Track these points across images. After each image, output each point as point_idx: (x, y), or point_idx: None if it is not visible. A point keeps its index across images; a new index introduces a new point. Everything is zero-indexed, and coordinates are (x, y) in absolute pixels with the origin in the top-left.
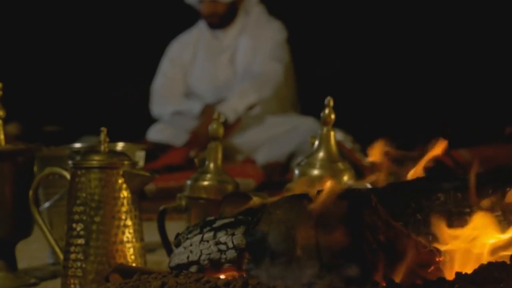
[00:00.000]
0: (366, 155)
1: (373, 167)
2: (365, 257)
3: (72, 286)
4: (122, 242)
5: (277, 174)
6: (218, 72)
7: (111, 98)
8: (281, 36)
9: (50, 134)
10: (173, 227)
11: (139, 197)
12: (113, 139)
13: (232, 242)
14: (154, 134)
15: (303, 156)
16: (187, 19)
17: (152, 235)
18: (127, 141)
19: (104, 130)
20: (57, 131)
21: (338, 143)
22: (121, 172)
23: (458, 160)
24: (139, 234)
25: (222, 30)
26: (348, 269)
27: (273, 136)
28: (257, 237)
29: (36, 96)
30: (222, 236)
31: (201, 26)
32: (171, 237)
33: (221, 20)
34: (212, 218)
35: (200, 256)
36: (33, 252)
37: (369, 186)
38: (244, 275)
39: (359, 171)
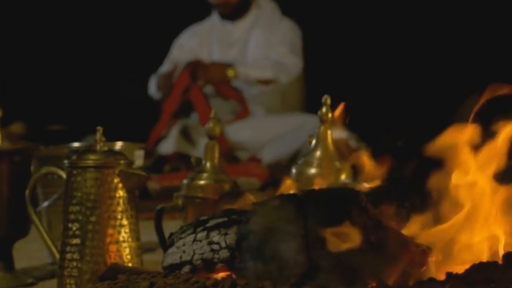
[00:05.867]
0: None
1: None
2: (355, 257)
3: (68, 286)
4: (118, 241)
5: (282, 173)
6: None
7: (116, 96)
8: (297, 34)
9: (54, 133)
10: (175, 226)
11: (135, 196)
12: (117, 138)
13: (225, 242)
14: (165, 148)
15: None
16: (191, 18)
17: (154, 234)
18: (132, 139)
19: (100, 129)
20: (61, 130)
21: (342, 142)
22: (117, 171)
23: None
24: (135, 233)
25: (233, 23)
26: (338, 269)
27: (278, 135)
28: (246, 236)
29: (41, 95)
30: (215, 236)
31: (213, 19)
32: None
33: (233, 11)
34: (206, 217)
35: (193, 256)
36: (33, 251)
37: (366, 185)
38: (233, 275)
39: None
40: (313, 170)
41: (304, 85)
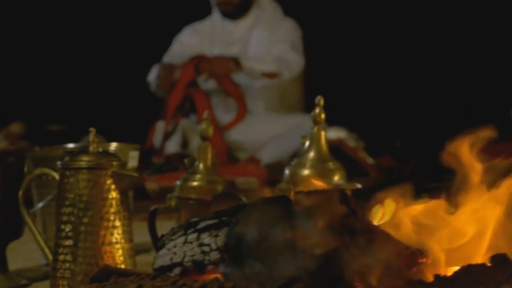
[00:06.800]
0: (370, 153)
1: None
2: (343, 259)
3: (61, 287)
4: (110, 243)
5: (281, 173)
6: None
7: (116, 97)
8: (297, 33)
9: (53, 134)
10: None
11: (128, 198)
12: (117, 138)
13: (216, 244)
14: (171, 146)
15: None
16: (191, 18)
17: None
18: (131, 140)
19: (93, 130)
20: (60, 130)
21: (342, 142)
22: (109, 172)
23: None
24: (128, 235)
25: (234, 22)
26: (325, 271)
27: (277, 135)
28: (234, 238)
29: (40, 95)
30: (206, 238)
31: (214, 18)
32: None
33: (235, 10)
34: (196, 219)
35: (184, 257)
36: (28, 252)
37: (359, 186)
38: (220, 278)
39: (363, 169)
40: (306, 171)
41: (303, 85)
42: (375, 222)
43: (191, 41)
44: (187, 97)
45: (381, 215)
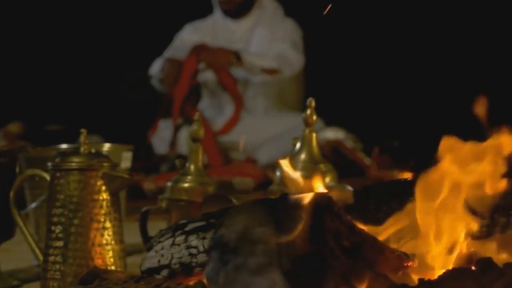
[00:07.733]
0: (367, 154)
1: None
2: (327, 263)
3: None
4: (100, 244)
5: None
6: None
7: (116, 97)
8: (298, 33)
9: (52, 134)
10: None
11: (119, 199)
12: (116, 138)
13: (203, 246)
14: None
15: None
16: (192, 18)
17: None
18: (131, 140)
19: (84, 131)
20: (59, 130)
21: (340, 143)
22: (100, 174)
23: None
24: (118, 236)
25: (236, 21)
26: (309, 276)
27: (274, 136)
28: (218, 241)
29: (39, 95)
30: (193, 240)
31: (215, 17)
32: None
33: (237, 8)
34: (184, 221)
35: (171, 260)
36: (21, 253)
37: (350, 188)
38: (204, 281)
39: (361, 170)
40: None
41: (302, 86)
42: None
43: (192, 39)
44: (194, 88)
45: None
